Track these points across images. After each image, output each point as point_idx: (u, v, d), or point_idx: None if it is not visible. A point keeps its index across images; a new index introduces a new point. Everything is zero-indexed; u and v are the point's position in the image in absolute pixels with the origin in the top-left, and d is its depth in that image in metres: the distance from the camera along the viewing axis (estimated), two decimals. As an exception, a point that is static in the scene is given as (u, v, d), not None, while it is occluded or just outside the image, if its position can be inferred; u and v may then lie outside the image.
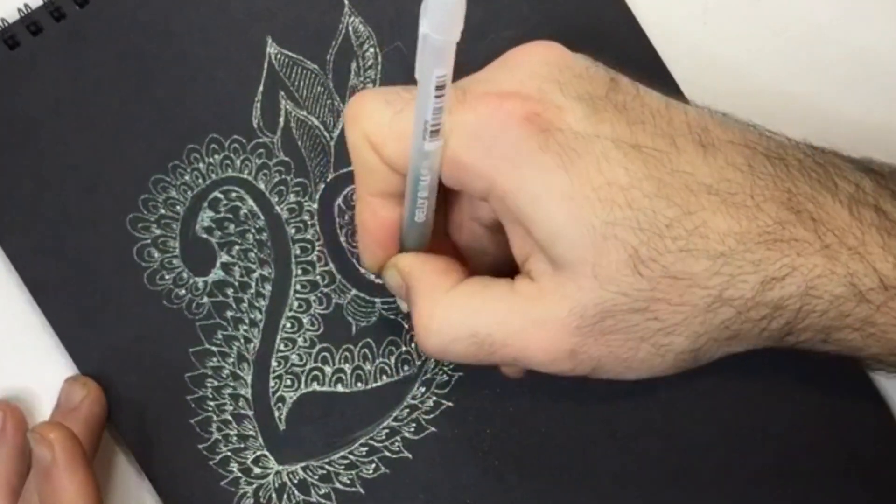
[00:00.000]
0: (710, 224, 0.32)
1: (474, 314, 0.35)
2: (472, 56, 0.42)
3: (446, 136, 0.32)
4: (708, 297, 0.33)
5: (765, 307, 0.33)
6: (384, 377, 0.41)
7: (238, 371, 0.41)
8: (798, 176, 0.33)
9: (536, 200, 0.32)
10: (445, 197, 0.37)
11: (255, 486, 0.41)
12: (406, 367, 0.41)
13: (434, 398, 0.42)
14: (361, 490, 0.41)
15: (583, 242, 0.32)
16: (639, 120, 0.33)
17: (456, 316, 0.35)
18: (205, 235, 0.41)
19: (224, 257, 0.41)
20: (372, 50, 0.42)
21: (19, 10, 0.41)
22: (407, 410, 0.41)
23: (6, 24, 0.41)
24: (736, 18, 0.43)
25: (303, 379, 0.41)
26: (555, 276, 0.33)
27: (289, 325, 0.41)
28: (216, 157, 0.41)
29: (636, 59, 0.42)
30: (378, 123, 0.34)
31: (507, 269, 0.36)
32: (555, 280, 0.33)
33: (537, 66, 0.34)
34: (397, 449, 0.41)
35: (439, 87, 0.30)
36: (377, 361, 0.41)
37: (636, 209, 0.32)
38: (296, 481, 0.41)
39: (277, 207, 0.41)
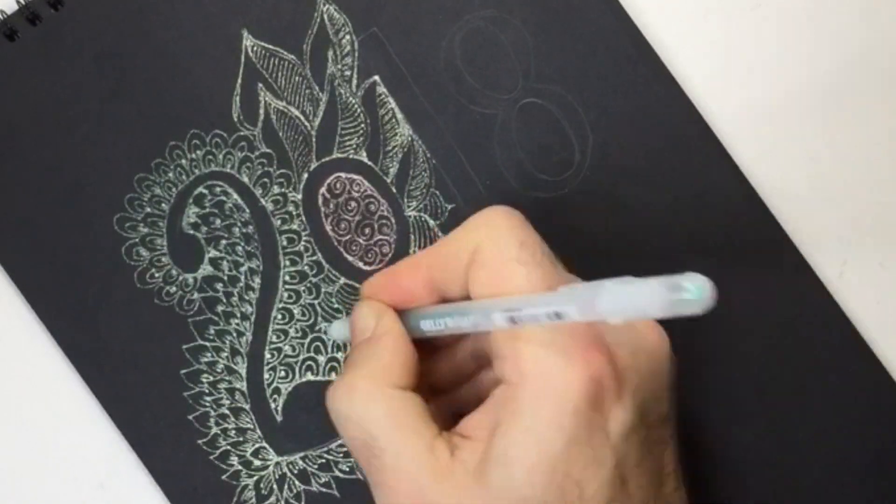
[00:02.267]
0: None
1: (388, 426, 0.35)
2: (448, 37, 0.42)
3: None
4: None
5: None
6: (378, 363, 0.41)
7: (232, 365, 0.41)
8: None
9: (526, 432, 0.33)
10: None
11: (255, 478, 0.41)
12: (399, 353, 0.41)
13: (429, 382, 0.41)
14: (361, 477, 0.42)
15: (512, 489, 0.33)
16: (643, 462, 0.34)
17: (376, 414, 0.35)
18: (191, 231, 0.41)
19: (212, 252, 0.41)
20: (348, 37, 0.42)
21: (-7, 16, 0.41)
22: (402, 395, 0.41)
23: (-19, 31, 0.41)
24: (737, 22, 0.43)
25: (297, 369, 0.41)
26: (468, 480, 0.33)
27: (280, 316, 0.41)
28: (198, 152, 0.41)
29: (613, 34, 0.42)
30: (492, 253, 0.34)
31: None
32: (464, 483, 0.33)
33: (648, 354, 0.34)
34: (395, 434, 0.41)
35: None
36: (370, 348, 0.41)
37: None
38: (296, 471, 0.41)
39: (262, 200, 0.41)
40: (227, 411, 0.42)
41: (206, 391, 0.42)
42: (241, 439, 0.42)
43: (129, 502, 0.42)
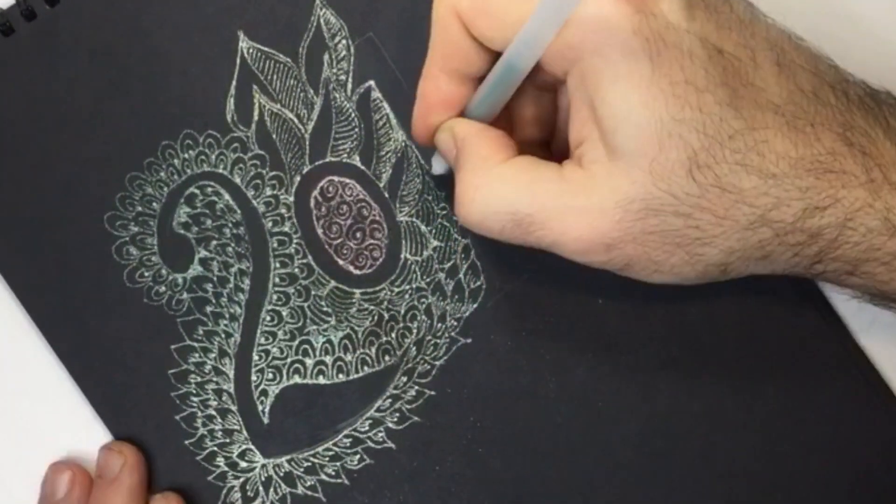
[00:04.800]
0: (770, 144, 0.33)
1: (519, 192, 0.35)
2: None
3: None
4: (751, 216, 0.34)
5: (802, 233, 0.34)
6: (366, 368, 0.41)
7: (220, 366, 0.41)
8: (856, 111, 0.34)
9: (615, 81, 0.33)
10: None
11: (241, 479, 0.41)
12: (387, 357, 0.41)
13: (416, 388, 0.41)
14: (346, 481, 0.41)
15: (647, 133, 0.33)
16: (726, 25, 0.34)
17: (500, 191, 0.36)
18: (182, 231, 0.41)
19: (202, 253, 0.41)
20: (344, 42, 0.42)
21: (-11, 10, 0.41)
22: (389, 401, 0.41)
23: (-24, 26, 0.41)
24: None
25: (284, 372, 0.41)
26: (607, 165, 0.34)
27: (268, 318, 0.41)
28: (191, 152, 0.41)
29: None
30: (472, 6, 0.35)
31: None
32: (607, 169, 0.34)
33: None
34: (381, 439, 0.41)
35: None
36: (358, 352, 0.41)
37: (706, 113, 0.33)
38: (282, 474, 0.41)
39: (254, 201, 0.41)
40: (214, 412, 0.41)
41: (194, 392, 0.42)
42: (227, 440, 0.42)
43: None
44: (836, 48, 0.36)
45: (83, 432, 0.42)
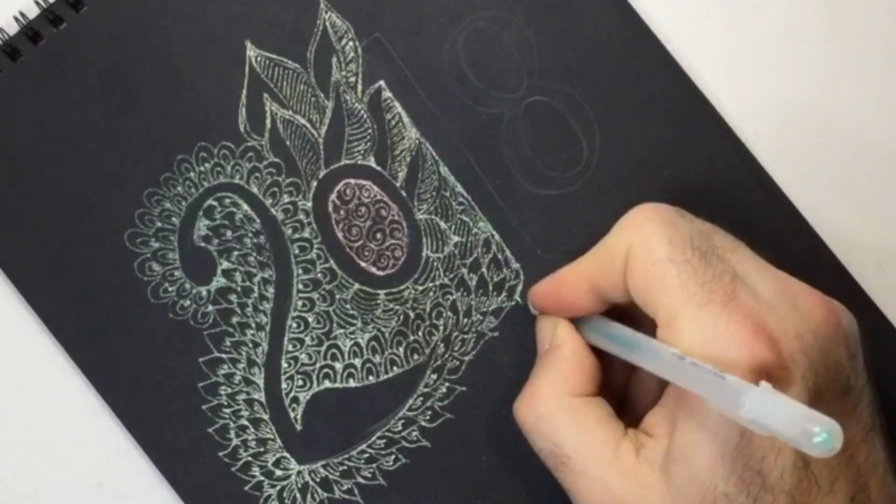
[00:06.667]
0: None
1: (572, 434, 0.36)
2: (451, 39, 0.42)
3: None
4: None
5: None
6: (395, 368, 0.41)
7: (249, 376, 0.41)
8: None
9: (702, 430, 0.33)
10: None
11: (278, 488, 0.41)
12: (416, 356, 0.41)
13: (447, 384, 0.41)
14: (384, 482, 0.41)
15: (699, 487, 0.33)
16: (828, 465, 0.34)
17: (559, 422, 0.37)
18: (203, 244, 0.41)
19: (224, 264, 0.41)
20: (351, 44, 0.42)
21: (-6, 35, 0.41)
22: (421, 399, 0.41)
23: (-17, 52, 0.41)
24: (747, 8, 0.43)
25: (314, 377, 0.41)
26: (658, 477, 0.34)
27: (295, 325, 0.41)
28: (206, 164, 0.41)
29: (615, 28, 0.42)
30: (643, 256, 0.35)
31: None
32: (654, 480, 0.34)
33: (815, 333, 0.34)
34: (415, 438, 0.41)
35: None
36: (386, 353, 0.41)
37: None
38: (318, 480, 0.41)
39: (272, 209, 0.41)
40: (246, 422, 0.41)
41: (225, 403, 0.42)
42: (261, 450, 0.42)
43: (128, 501, 0.42)
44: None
45: (93, 434, 0.42)
